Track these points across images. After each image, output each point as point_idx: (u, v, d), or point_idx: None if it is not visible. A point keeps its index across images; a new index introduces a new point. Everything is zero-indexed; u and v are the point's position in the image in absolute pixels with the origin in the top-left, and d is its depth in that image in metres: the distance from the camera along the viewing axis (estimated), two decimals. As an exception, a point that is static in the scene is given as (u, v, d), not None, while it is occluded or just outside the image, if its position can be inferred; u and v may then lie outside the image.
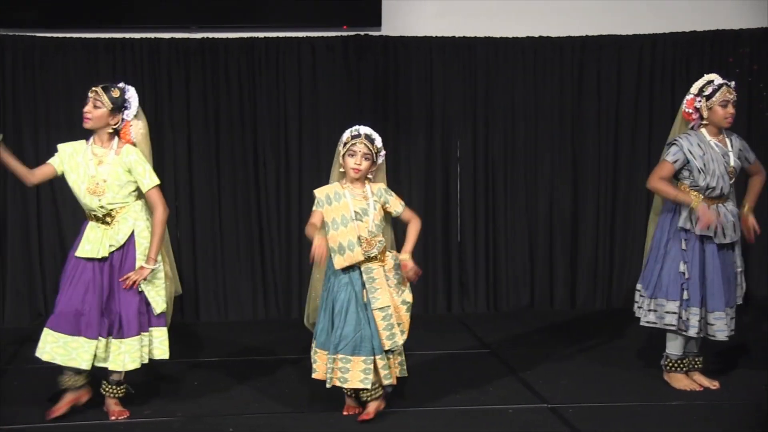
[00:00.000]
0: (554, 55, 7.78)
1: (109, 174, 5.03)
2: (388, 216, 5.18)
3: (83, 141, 5.14)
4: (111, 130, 5.09)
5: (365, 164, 5.00)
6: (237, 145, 7.58)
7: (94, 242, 5.05)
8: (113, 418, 5.10)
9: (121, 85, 5.17)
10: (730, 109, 5.39)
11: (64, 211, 7.27)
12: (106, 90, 5.07)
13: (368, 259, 5.01)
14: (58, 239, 7.38)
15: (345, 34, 7.61)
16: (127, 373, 5.13)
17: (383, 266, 5.06)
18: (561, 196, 7.87)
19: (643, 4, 7.82)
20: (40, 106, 7.36)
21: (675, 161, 5.41)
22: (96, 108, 5.04)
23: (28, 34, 7.35)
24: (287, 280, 7.67)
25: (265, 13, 7.55)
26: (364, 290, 5.00)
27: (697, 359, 5.59)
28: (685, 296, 5.40)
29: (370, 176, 5.10)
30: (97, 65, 7.38)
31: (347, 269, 5.01)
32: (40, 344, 5.02)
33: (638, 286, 5.70)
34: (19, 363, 6.19)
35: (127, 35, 7.43)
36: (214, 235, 7.62)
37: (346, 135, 5.07)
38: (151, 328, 5.14)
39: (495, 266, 7.87)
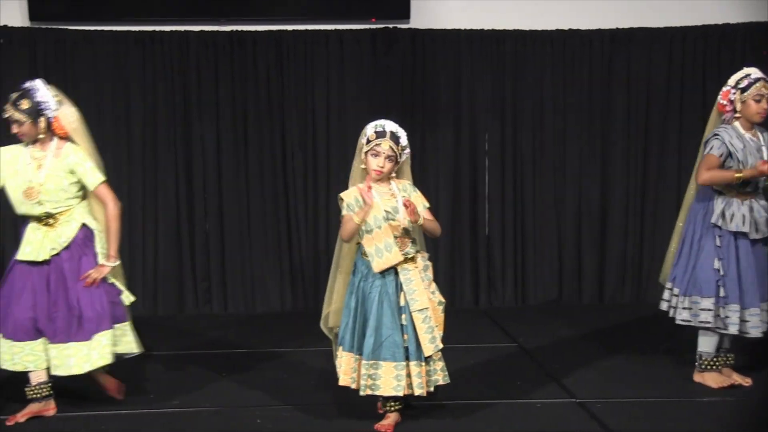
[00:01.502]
0: (584, 48, 7.74)
1: (48, 178, 4.88)
2: None
3: (20, 145, 4.97)
4: (42, 135, 4.91)
5: (388, 166, 4.74)
6: (265, 137, 7.60)
7: (34, 244, 4.89)
8: (118, 395, 5.10)
9: (27, 86, 4.93)
10: (764, 104, 5.32)
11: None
12: (15, 106, 4.86)
13: (405, 260, 4.79)
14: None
15: (373, 26, 7.60)
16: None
17: (417, 267, 4.83)
18: (589, 190, 7.83)
19: (674, -3, 7.78)
20: (70, 98, 7.34)
21: (720, 154, 5.32)
22: (20, 125, 4.88)
23: (58, 27, 7.41)
24: (315, 273, 7.68)
25: (293, 6, 7.58)
26: (402, 293, 4.77)
27: (729, 356, 5.53)
28: (722, 293, 5.34)
29: (393, 173, 4.86)
30: (127, 58, 7.43)
31: (382, 272, 4.77)
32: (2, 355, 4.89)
33: (668, 284, 5.64)
34: None
35: (157, 28, 7.47)
36: (241, 227, 7.65)
37: (370, 131, 4.77)
38: (115, 325, 4.96)
39: (523, 260, 7.85)
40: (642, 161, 7.83)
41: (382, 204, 4.75)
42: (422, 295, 4.77)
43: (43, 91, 4.94)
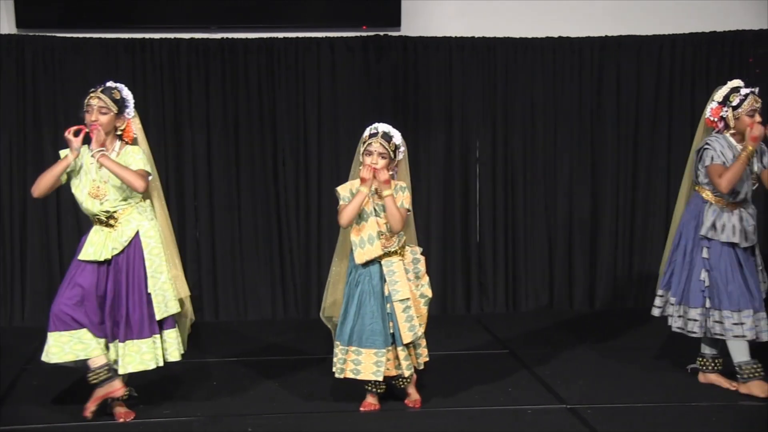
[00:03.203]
0: (573, 55, 7.76)
1: (111, 176, 4.96)
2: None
3: (85, 146, 5.03)
4: (119, 133, 5.06)
5: (381, 162, 5.03)
6: (256, 145, 7.60)
7: (96, 245, 4.99)
8: (120, 420, 5.05)
9: (112, 84, 5.09)
10: (758, 118, 5.37)
11: (82, 211, 7.28)
12: (106, 93, 5.00)
13: (388, 254, 5.09)
14: (77, 238, 7.38)
15: (364, 34, 7.62)
16: (138, 374, 5.09)
17: (402, 260, 5.14)
18: (580, 196, 7.85)
19: (663, 5, 7.80)
20: (59, 106, 7.39)
21: (722, 162, 5.33)
22: (103, 114, 4.97)
23: (47, 34, 7.39)
24: (306, 280, 7.68)
25: (284, 13, 7.57)
26: (385, 283, 5.08)
27: (717, 360, 5.57)
28: (707, 304, 5.39)
29: (392, 173, 5.13)
30: (117, 66, 7.41)
31: (367, 263, 5.09)
32: (46, 348, 4.98)
33: (659, 291, 5.69)
34: (38, 362, 6.18)
35: (147, 35, 7.46)
36: (233, 235, 7.64)
37: (366, 133, 5.13)
38: (163, 331, 5.08)
39: (514, 266, 7.87)
40: (632, 168, 7.85)
41: (372, 200, 5.08)
42: (404, 287, 5.09)
43: (128, 91, 5.10)
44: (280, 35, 7.57)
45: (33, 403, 5.36)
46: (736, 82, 5.48)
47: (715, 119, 5.45)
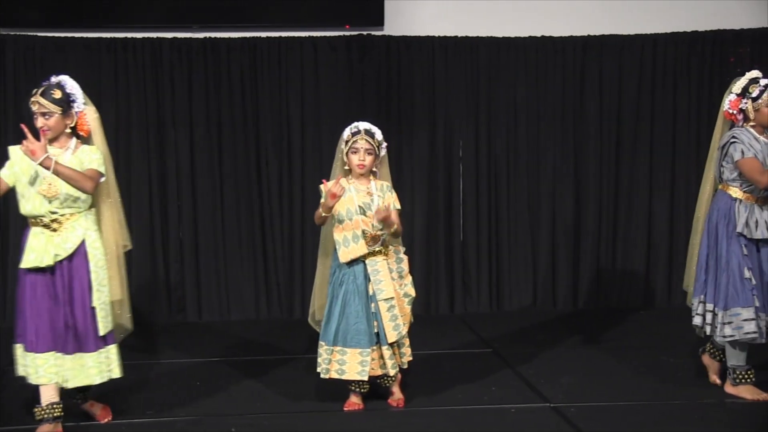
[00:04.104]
0: (556, 54, 7.78)
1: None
2: None
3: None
4: (69, 130, 4.83)
5: (369, 159, 5.09)
6: (239, 144, 7.59)
7: (37, 250, 4.74)
8: (103, 420, 5.00)
9: (54, 80, 4.83)
10: None
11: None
12: (46, 95, 4.71)
13: (372, 253, 5.10)
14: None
15: (347, 33, 7.62)
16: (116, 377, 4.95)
17: (387, 259, 5.15)
18: (563, 196, 7.87)
19: (645, 4, 7.83)
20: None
21: (754, 155, 5.17)
22: (47, 118, 4.71)
23: (29, 33, 7.36)
24: (290, 279, 7.67)
25: (267, 12, 7.56)
26: (369, 282, 5.10)
27: (749, 372, 5.39)
28: (756, 303, 5.19)
29: (375, 170, 5.17)
30: (100, 65, 7.39)
31: (351, 262, 5.10)
32: (16, 359, 4.82)
33: (696, 300, 5.39)
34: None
35: (129, 35, 7.44)
36: (216, 235, 7.63)
37: (347, 133, 5.15)
38: (106, 346, 4.86)
39: (498, 265, 7.88)
40: (614, 166, 7.88)
41: (357, 198, 5.10)
42: (388, 285, 5.11)
43: (71, 83, 4.85)
44: (263, 34, 7.56)
45: (17, 405, 5.30)
46: (755, 73, 5.33)
47: (734, 111, 5.31)
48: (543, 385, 5.62)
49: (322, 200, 5.09)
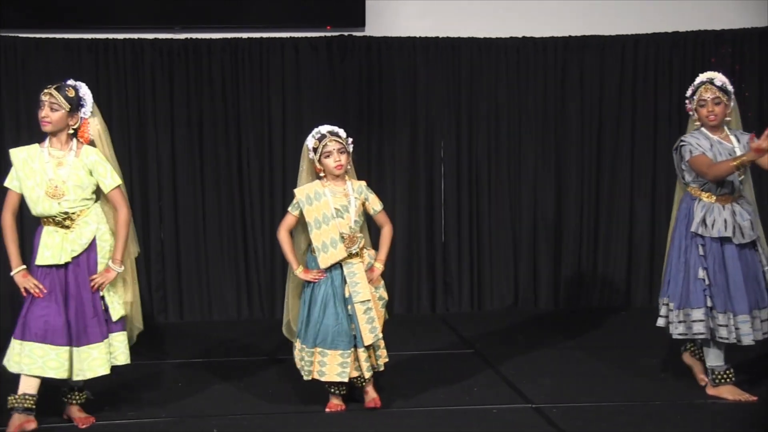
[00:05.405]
0: (537, 55, 7.80)
1: (70, 176, 4.84)
2: (364, 214, 5.26)
3: (36, 145, 4.93)
4: (71, 131, 4.91)
5: (344, 157, 5.10)
6: (221, 145, 7.58)
7: (53, 248, 4.84)
8: (81, 426, 4.99)
9: (71, 82, 4.97)
10: (709, 107, 5.21)
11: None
12: (60, 90, 4.86)
13: (350, 256, 5.10)
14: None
15: (329, 34, 7.61)
16: (99, 377, 4.97)
17: (362, 262, 5.16)
18: (544, 196, 7.89)
19: (626, 5, 7.86)
20: (21, 107, 7.32)
21: (701, 152, 5.16)
22: (53, 111, 4.84)
23: (9, 34, 7.31)
24: (271, 280, 7.66)
25: (248, 13, 7.54)
26: (346, 285, 5.10)
27: (728, 372, 5.36)
28: (708, 303, 5.19)
29: (349, 167, 5.18)
30: (80, 66, 7.35)
31: (328, 267, 5.11)
32: (8, 354, 4.86)
33: (663, 299, 5.41)
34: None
35: (110, 36, 7.41)
36: (197, 235, 7.61)
37: (312, 141, 5.16)
38: (111, 334, 4.94)
39: (479, 266, 7.89)
40: (596, 167, 7.90)
41: (333, 202, 5.10)
42: (365, 288, 5.12)
43: (86, 90, 4.97)
44: (245, 35, 7.55)
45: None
46: (702, 75, 5.34)
47: (691, 114, 5.35)
48: (525, 386, 5.63)
49: (289, 208, 5.20)
